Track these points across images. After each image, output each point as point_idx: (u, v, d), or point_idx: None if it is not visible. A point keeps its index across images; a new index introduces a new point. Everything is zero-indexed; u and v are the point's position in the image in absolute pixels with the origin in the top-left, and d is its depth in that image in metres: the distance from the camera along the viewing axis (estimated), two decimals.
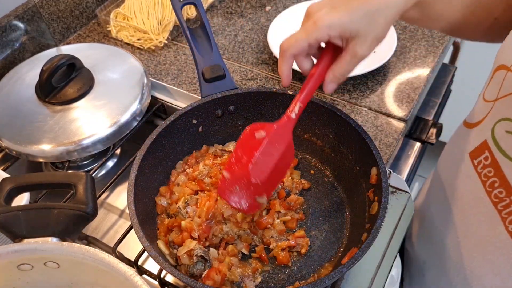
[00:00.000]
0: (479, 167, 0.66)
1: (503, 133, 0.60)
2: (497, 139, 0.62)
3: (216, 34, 1.11)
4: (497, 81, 0.62)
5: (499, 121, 0.61)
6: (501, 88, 0.61)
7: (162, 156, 0.76)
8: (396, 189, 0.80)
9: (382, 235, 0.72)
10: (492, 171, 0.63)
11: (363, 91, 0.95)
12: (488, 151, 0.63)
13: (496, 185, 0.62)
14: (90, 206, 0.58)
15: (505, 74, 0.60)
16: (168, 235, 0.70)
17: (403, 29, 1.09)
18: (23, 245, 0.53)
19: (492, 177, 0.63)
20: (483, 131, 0.65)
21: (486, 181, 0.64)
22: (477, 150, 0.66)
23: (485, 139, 0.64)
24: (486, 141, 0.64)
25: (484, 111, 0.65)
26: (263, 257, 0.70)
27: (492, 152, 0.62)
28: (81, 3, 1.11)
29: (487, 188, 0.64)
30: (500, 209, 0.63)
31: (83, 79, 0.87)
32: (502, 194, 0.62)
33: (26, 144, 0.80)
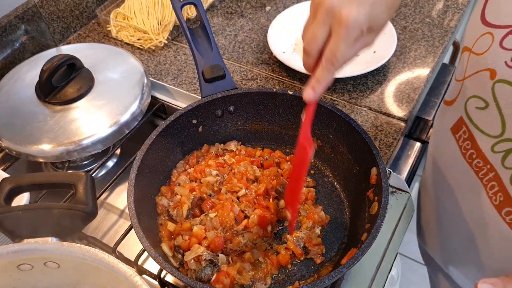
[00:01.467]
0: (460, 141, 0.70)
1: (474, 109, 0.64)
2: (470, 115, 0.66)
3: (216, 34, 1.11)
4: (463, 61, 0.66)
5: (469, 99, 0.65)
6: (466, 68, 0.65)
7: (162, 156, 0.76)
8: (396, 189, 0.80)
9: (382, 235, 0.72)
10: (470, 144, 0.67)
11: (363, 91, 0.95)
12: (465, 126, 0.67)
13: (474, 156, 0.67)
14: (90, 206, 0.58)
15: (469, 55, 0.63)
16: (174, 239, 0.70)
17: (403, 29, 1.09)
18: (23, 245, 0.53)
19: (470, 149, 0.67)
20: (458, 108, 0.69)
21: (466, 153, 0.68)
22: (456, 125, 0.70)
23: (461, 115, 0.68)
24: (461, 117, 0.68)
25: (456, 90, 0.70)
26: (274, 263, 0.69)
27: (468, 126, 0.66)
28: (81, 3, 1.11)
29: (467, 159, 0.68)
30: (481, 177, 0.67)
31: (83, 79, 0.87)
32: (480, 164, 0.66)
33: (26, 144, 0.80)
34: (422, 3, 1.15)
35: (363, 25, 0.53)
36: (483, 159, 0.65)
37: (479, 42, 0.61)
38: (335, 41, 0.54)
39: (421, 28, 1.09)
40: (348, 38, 0.53)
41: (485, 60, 0.59)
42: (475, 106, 0.64)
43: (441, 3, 1.15)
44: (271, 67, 1.02)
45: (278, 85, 0.98)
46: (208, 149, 0.82)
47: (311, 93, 0.57)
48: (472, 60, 0.63)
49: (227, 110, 0.80)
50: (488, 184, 0.66)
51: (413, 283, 1.83)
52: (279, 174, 0.78)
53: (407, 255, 1.90)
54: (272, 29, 1.05)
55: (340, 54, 0.54)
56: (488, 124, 0.62)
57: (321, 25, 0.54)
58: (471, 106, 0.65)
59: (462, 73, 0.67)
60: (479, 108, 0.63)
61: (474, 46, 0.62)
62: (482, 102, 0.62)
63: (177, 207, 0.73)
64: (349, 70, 0.96)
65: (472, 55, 0.63)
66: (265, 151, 0.82)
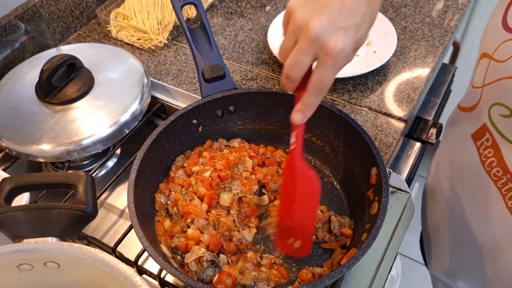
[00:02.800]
0: (481, 149, 0.68)
1: (498, 116, 0.63)
2: (495, 122, 0.64)
3: (216, 34, 1.11)
4: (482, 68, 0.64)
5: (493, 106, 0.64)
6: (486, 75, 0.63)
7: (162, 156, 0.76)
8: (396, 189, 0.80)
9: (382, 235, 0.72)
10: (492, 152, 0.65)
11: (363, 91, 0.95)
12: (488, 133, 0.66)
13: (494, 165, 0.65)
14: (90, 206, 0.58)
15: (489, 62, 0.62)
16: (171, 240, 0.69)
17: (403, 29, 1.09)
18: (23, 245, 0.53)
19: (491, 158, 0.66)
20: (481, 114, 0.67)
21: (485, 161, 0.67)
22: (479, 132, 0.69)
23: (484, 122, 0.67)
24: (485, 124, 0.66)
25: (475, 96, 0.68)
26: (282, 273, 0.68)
27: (492, 134, 0.65)
28: (81, 3, 1.11)
29: (485, 167, 0.67)
30: (500, 186, 0.65)
31: (83, 79, 0.87)
32: (499, 173, 0.65)
33: (26, 144, 0.80)
34: (422, 3, 1.15)
35: (350, 52, 0.53)
36: (503, 168, 0.63)
37: (501, 49, 0.59)
38: (323, 70, 0.53)
39: (421, 28, 1.09)
40: (336, 67, 0.53)
41: (508, 68, 0.58)
42: (499, 113, 0.62)
43: (441, 3, 1.15)
44: (271, 67, 1.02)
45: (278, 85, 0.98)
46: (211, 145, 0.82)
47: (300, 117, 0.58)
48: (493, 67, 0.61)
49: (227, 110, 0.80)
50: (508, 194, 0.64)
51: (413, 283, 1.84)
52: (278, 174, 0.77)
53: (407, 255, 1.91)
54: (272, 29, 1.05)
55: (328, 81, 0.54)
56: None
57: (305, 54, 0.53)
58: (495, 113, 0.63)
59: (481, 80, 0.65)
60: (503, 116, 0.62)
61: (495, 53, 0.60)
62: (506, 109, 0.60)
63: (175, 205, 0.73)
64: (349, 70, 0.96)
65: (492, 62, 0.61)
66: (268, 149, 0.82)
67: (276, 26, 1.06)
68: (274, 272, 0.67)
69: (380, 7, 1.12)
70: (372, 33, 1.05)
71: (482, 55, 0.65)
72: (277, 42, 1.03)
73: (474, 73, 0.69)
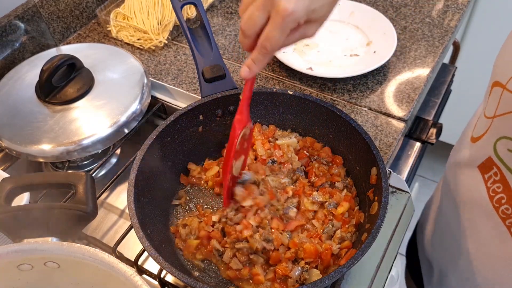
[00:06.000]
0: (489, 182, 0.65)
1: (506, 151, 0.60)
2: (501, 156, 0.61)
3: (216, 34, 1.11)
4: (495, 97, 0.61)
5: (500, 139, 0.60)
6: (498, 105, 0.60)
7: (162, 156, 0.76)
8: (396, 189, 0.80)
9: (382, 235, 0.72)
10: (501, 187, 0.62)
11: (363, 91, 0.95)
12: (496, 168, 0.63)
13: (503, 201, 0.62)
14: (90, 206, 0.58)
15: (502, 92, 0.59)
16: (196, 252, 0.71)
17: (403, 29, 1.09)
18: (23, 245, 0.53)
19: (500, 193, 0.62)
20: (485, 147, 0.64)
21: (494, 196, 0.63)
22: (485, 165, 0.65)
23: (489, 156, 0.63)
24: (490, 157, 0.63)
25: (484, 127, 0.65)
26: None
27: (500, 168, 0.62)
28: (81, 3, 1.11)
29: (494, 204, 0.64)
30: (509, 225, 0.62)
31: (83, 79, 0.87)
32: (508, 211, 0.61)
33: (26, 144, 0.80)
34: (422, 3, 1.15)
35: (300, 18, 0.55)
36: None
37: None
38: (271, 29, 0.56)
39: (421, 28, 1.09)
40: (283, 28, 0.55)
41: None
42: (508, 148, 0.59)
43: (441, 3, 1.15)
44: (271, 67, 1.02)
45: (278, 85, 0.98)
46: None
47: (247, 71, 0.61)
48: (507, 98, 0.58)
49: (227, 110, 0.80)
50: None
51: None
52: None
53: None
54: None
55: (275, 41, 0.56)
56: None
57: (260, 10, 0.56)
58: (502, 148, 0.60)
59: (493, 111, 0.61)
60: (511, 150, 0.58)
61: (508, 83, 0.57)
62: None
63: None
64: (349, 70, 0.97)
65: (506, 93, 0.58)
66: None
67: None
68: None
69: (380, 7, 1.12)
70: (372, 33, 1.05)
71: (495, 83, 0.61)
72: None
73: (486, 102, 0.65)
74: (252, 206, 0.69)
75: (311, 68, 0.97)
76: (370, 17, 1.07)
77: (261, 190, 0.72)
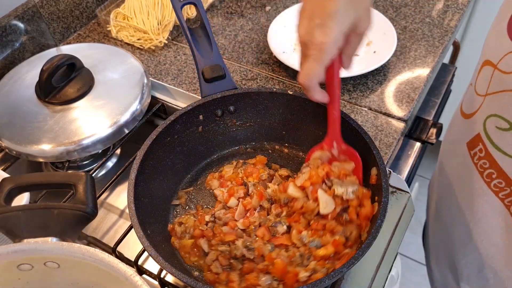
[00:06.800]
0: (475, 158, 0.67)
1: (494, 128, 0.62)
2: (489, 134, 0.63)
3: (216, 34, 1.11)
4: (485, 76, 0.63)
5: (489, 117, 0.62)
6: (489, 84, 0.62)
7: (162, 156, 0.76)
8: (396, 189, 0.80)
9: (382, 235, 0.72)
10: (487, 163, 0.64)
11: (363, 91, 0.95)
12: (481, 144, 0.65)
13: (494, 176, 0.64)
14: (90, 206, 0.58)
15: (493, 71, 0.61)
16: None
17: (403, 29, 1.09)
18: (23, 245, 0.53)
19: (488, 169, 0.64)
20: (476, 123, 0.66)
21: (483, 172, 0.65)
22: (473, 141, 0.67)
23: (478, 132, 0.65)
24: (479, 134, 0.65)
25: (476, 104, 0.66)
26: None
27: (485, 145, 0.64)
28: (81, 3, 1.11)
29: (485, 178, 0.65)
30: (502, 197, 0.64)
31: (83, 79, 0.87)
32: (501, 184, 0.63)
33: (26, 144, 0.80)
34: (422, 3, 1.15)
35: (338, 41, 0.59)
36: (505, 179, 0.62)
37: (506, 60, 0.58)
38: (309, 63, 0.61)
39: (421, 28, 1.09)
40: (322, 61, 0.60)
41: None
42: (496, 125, 0.61)
43: (441, 3, 1.15)
44: (271, 67, 1.02)
45: (278, 85, 0.98)
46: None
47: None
48: (497, 77, 0.60)
49: (227, 110, 0.80)
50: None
51: (413, 283, 1.84)
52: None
53: (407, 255, 1.91)
54: (272, 29, 1.05)
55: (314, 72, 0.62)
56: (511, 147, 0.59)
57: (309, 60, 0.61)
58: (491, 125, 0.62)
59: (484, 89, 0.63)
60: (500, 128, 0.60)
61: (500, 63, 0.59)
62: (505, 123, 0.59)
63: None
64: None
65: (497, 72, 0.59)
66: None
67: (276, 26, 1.06)
68: None
69: (380, 7, 1.12)
70: (372, 33, 1.05)
71: (486, 62, 0.63)
72: (277, 42, 1.03)
73: (476, 79, 0.67)
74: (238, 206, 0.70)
75: None
76: None
77: (252, 191, 0.72)
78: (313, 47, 0.58)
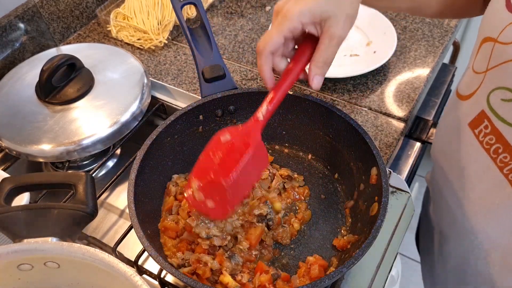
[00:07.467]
0: (480, 136, 0.67)
1: (499, 101, 0.62)
2: (494, 108, 0.63)
3: (216, 34, 1.11)
4: (485, 53, 0.63)
5: (493, 91, 0.62)
6: (490, 59, 0.62)
7: (162, 156, 0.76)
8: (396, 189, 0.80)
9: (382, 235, 0.71)
10: (494, 139, 0.64)
11: (363, 91, 0.95)
12: (487, 120, 0.65)
13: (500, 151, 0.64)
14: (90, 206, 0.58)
15: (493, 45, 0.61)
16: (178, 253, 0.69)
17: (403, 29, 1.09)
18: (23, 245, 0.53)
19: (495, 144, 0.64)
20: (478, 101, 0.66)
21: (489, 149, 0.65)
22: (476, 120, 0.67)
23: (482, 109, 0.65)
24: (483, 110, 0.65)
25: (476, 83, 0.67)
26: None
27: (491, 120, 0.64)
28: (81, 3, 1.11)
29: (491, 155, 0.65)
30: (506, 173, 0.64)
31: (83, 79, 0.87)
32: (506, 159, 0.63)
33: (26, 144, 0.80)
34: None
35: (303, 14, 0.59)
36: (511, 153, 0.62)
37: (506, 32, 0.59)
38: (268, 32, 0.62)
39: (421, 28, 1.09)
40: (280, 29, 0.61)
41: None
42: (501, 98, 0.61)
43: None
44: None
45: None
46: None
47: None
48: (498, 50, 0.61)
49: (227, 110, 0.80)
50: None
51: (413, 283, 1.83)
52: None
53: (407, 255, 1.90)
54: None
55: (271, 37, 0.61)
56: None
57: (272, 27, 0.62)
58: (496, 99, 0.63)
59: (484, 65, 0.64)
60: (506, 100, 0.61)
61: (500, 36, 0.60)
62: (510, 93, 0.60)
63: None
64: (349, 70, 0.97)
65: (497, 45, 0.60)
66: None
67: None
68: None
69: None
70: (372, 33, 1.05)
71: (485, 39, 0.64)
72: None
73: (474, 59, 0.68)
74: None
75: None
76: (370, 17, 1.07)
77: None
78: (280, 15, 0.60)
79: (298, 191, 0.78)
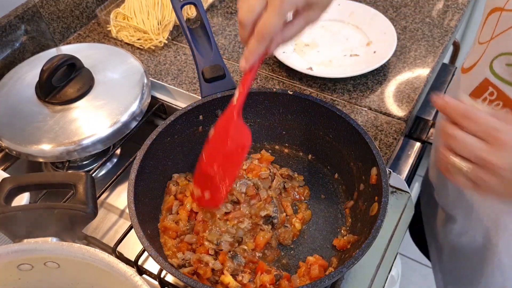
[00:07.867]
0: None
1: (504, 67, 0.62)
2: (499, 73, 0.63)
3: (216, 34, 1.11)
4: (491, 23, 0.64)
5: (497, 57, 0.63)
6: (495, 27, 0.63)
7: (162, 156, 0.76)
8: (396, 189, 0.80)
9: (382, 235, 0.71)
10: (501, 104, 0.64)
11: (363, 91, 0.95)
12: (492, 87, 0.65)
13: None
14: (90, 206, 0.58)
15: (500, 14, 0.62)
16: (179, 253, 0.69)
17: (403, 29, 1.09)
18: (23, 245, 0.53)
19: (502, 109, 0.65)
20: (480, 71, 0.67)
21: None
22: (478, 88, 0.67)
23: (485, 77, 0.66)
24: (486, 78, 0.65)
25: (478, 54, 0.68)
26: None
27: (496, 86, 0.64)
28: (81, 3, 1.11)
29: None
30: None
31: (83, 79, 0.87)
32: None
33: (26, 144, 0.80)
34: (422, 3, 1.15)
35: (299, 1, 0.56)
36: None
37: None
38: (268, 14, 0.56)
39: (421, 28, 1.09)
40: (280, 11, 0.55)
41: None
42: (506, 63, 0.62)
43: (441, 3, 1.15)
44: (271, 67, 1.02)
45: (278, 85, 0.98)
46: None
47: (243, 63, 0.60)
48: (504, 18, 0.61)
49: None
50: None
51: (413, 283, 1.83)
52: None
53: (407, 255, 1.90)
54: None
55: (272, 26, 0.56)
56: None
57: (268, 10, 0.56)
58: (499, 65, 0.63)
59: (489, 35, 0.65)
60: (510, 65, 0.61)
61: (507, 4, 0.61)
62: None
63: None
64: (349, 70, 0.97)
65: (504, 13, 0.61)
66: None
67: None
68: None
69: (380, 7, 1.12)
70: (372, 33, 1.05)
71: (492, 10, 0.65)
72: None
73: (479, 33, 0.69)
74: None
75: (311, 68, 0.97)
76: (370, 17, 1.07)
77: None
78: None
79: (298, 191, 0.78)
